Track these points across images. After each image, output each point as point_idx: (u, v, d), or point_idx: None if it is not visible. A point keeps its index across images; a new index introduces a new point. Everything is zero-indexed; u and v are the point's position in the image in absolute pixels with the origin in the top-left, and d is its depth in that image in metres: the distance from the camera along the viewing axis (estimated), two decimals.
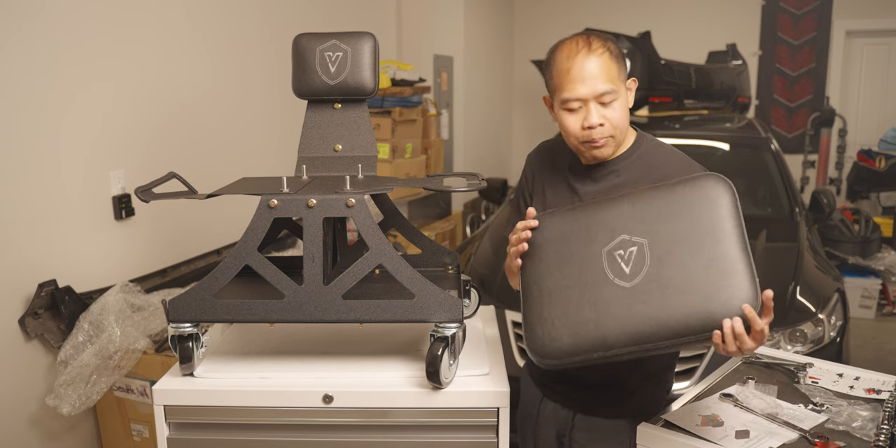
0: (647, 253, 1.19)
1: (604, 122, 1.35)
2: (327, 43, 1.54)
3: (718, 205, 1.18)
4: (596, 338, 1.17)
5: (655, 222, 1.21)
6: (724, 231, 1.16)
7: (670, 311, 1.13)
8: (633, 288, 1.17)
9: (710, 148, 3.72)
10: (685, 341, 1.13)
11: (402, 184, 1.51)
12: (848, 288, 3.25)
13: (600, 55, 1.34)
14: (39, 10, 2.20)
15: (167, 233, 2.79)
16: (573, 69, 1.34)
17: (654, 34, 4.43)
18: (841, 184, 5.83)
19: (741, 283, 1.11)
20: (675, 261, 1.16)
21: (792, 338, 2.44)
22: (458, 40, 5.74)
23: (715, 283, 1.12)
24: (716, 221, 1.17)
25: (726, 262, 1.13)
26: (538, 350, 1.22)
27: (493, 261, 2.96)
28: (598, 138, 1.36)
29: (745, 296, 1.10)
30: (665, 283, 1.15)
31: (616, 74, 1.35)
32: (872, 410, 1.28)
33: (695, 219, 1.19)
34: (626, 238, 1.22)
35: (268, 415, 1.34)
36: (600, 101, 1.34)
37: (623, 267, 1.20)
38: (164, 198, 1.37)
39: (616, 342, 1.16)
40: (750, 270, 1.12)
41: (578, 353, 1.18)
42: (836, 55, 6.31)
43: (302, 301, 1.30)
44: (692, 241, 1.17)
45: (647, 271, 1.18)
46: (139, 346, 2.26)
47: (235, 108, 3.20)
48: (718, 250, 1.14)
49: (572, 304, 1.21)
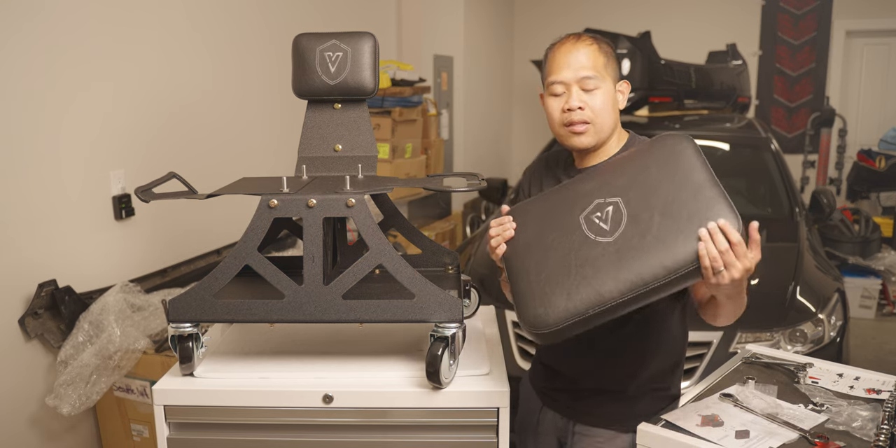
0: (622, 209, 1.22)
1: (583, 106, 1.39)
2: (327, 43, 1.54)
3: (682, 155, 1.22)
4: (590, 295, 1.17)
5: (626, 183, 1.25)
6: (694, 175, 1.19)
7: (658, 250, 1.15)
8: (616, 241, 1.20)
9: (710, 148, 3.72)
10: (679, 276, 1.14)
11: (402, 184, 1.51)
12: (848, 288, 3.25)
13: (588, 45, 1.41)
14: (39, 10, 2.20)
15: (167, 233, 2.79)
16: (560, 55, 1.42)
17: (654, 34, 4.43)
18: (841, 184, 5.83)
19: (721, 210, 1.14)
20: (652, 208, 1.19)
21: (792, 338, 2.44)
22: (458, 40, 5.74)
23: (696, 215, 1.14)
24: (681, 168, 1.21)
25: (703, 200, 1.16)
26: (533, 320, 1.21)
27: (492, 261, 2.95)
28: (577, 121, 1.40)
29: (724, 216, 1.13)
30: (646, 229, 1.18)
31: (602, 66, 1.40)
32: (872, 410, 1.28)
33: (662, 171, 1.22)
34: (601, 201, 1.25)
35: (268, 415, 1.34)
36: (583, 87, 1.39)
37: (602, 226, 1.23)
38: (164, 198, 1.37)
39: (611, 294, 1.16)
40: (727, 202, 1.15)
41: (575, 314, 1.18)
42: (836, 55, 6.31)
43: (302, 301, 1.30)
44: (665, 191, 1.20)
45: (626, 224, 1.20)
46: (139, 346, 2.26)
47: (235, 108, 3.20)
48: (693, 192, 1.17)
49: (561, 271, 1.22)
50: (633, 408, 1.48)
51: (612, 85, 1.42)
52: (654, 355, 1.48)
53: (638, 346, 1.47)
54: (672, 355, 1.51)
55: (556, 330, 1.20)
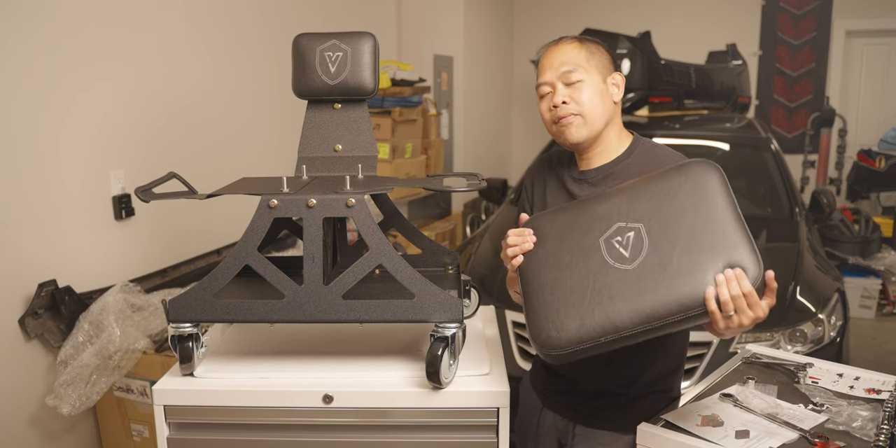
0: (644, 236, 1.20)
1: (568, 100, 1.40)
2: (327, 43, 1.54)
3: (709, 186, 1.21)
4: (603, 321, 1.16)
5: (649, 209, 1.23)
6: (718, 210, 1.18)
7: (676, 286, 1.13)
8: (635, 269, 1.18)
9: (710, 148, 3.71)
10: (692, 314, 1.13)
11: (402, 184, 1.51)
12: (848, 288, 3.25)
13: (568, 44, 1.44)
14: (39, 10, 2.20)
15: (167, 233, 2.79)
16: (544, 59, 1.45)
17: (654, 34, 4.43)
18: (841, 184, 5.83)
19: (744, 254, 1.13)
20: (675, 240, 1.18)
21: (792, 338, 2.44)
22: (458, 40, 5.74)
23: (719, 256, 1.13)
24: (708, 202, 1.19)
25: (725, 237, 1.15)
26: (544, 342, 1.20)
27: (493, 261, 2.96)
28: (564, 115, 1.40)
29: (747, 262, 1.12)
30: (667, 262, 1.16)
31: (584, 59, 1.41)
32: (872, 410, 1.28)
33: (687, 202, 1.21)
34: (622, 225, 1.24)
35: (268, 415, 1.34)
36: (565, 82, 1.41)
37: (622, 251, 1.21)
38: (164, 198, 1.37)
39: (623, 324, 1.15)
40: (751, 247, 1.14)
41: (586, 339, 1.17)
42: (836, 55, 6.31)
43: (302, 301, 1.30)
44: (688, 223, 1.18)
45: (646, 252, 1.19)
46: (139, 346, 2.26)
47: (235, 108, 3.20)
48: (716, 227, 1.16)
49: (576, 293, 1.21)
50: (634, 410, 1.48)
51: (599, 77, 1.42)
52: (655, 358, 1.47)
53: (640, 349, 1.47)
54: (674, 357, 1.51)
55: (566, 353, 1.19)
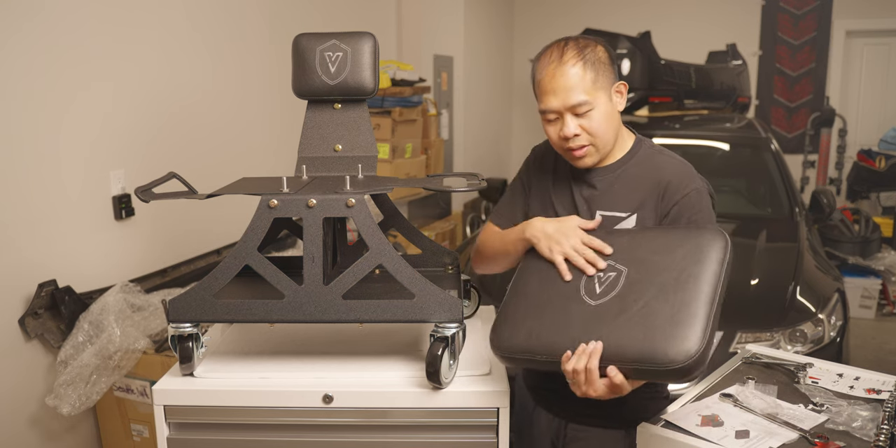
0: (621, 281, 1.25)
1: (579, 132, 1.35)
2: (327, 43, 1.54)
3: (707, 255, 1.22)
4: (547, 343, 1.24)
5: (643, 256, 1.26)
6: (700, 279, 1.19)
7: (616, 335, 1.18)
8: (596, 307, 1.24)
9: (710, 148, 3.72)
10: (615, 364, 1.17)
11: (402, 184, 1.51)
12: (848, 288, 3.25)
13: (572, 65, 1.33)
14: (39, 10, 2.20)
15: (167, 233, 2.79)
16: (544, 81, 1.36)
17: (654, 34, 4.43)
18: (841, 184, 5.83)
19: (690, 336, 1.14)
20: (644, 293, 1.21)
21: (792, 338, 2.44)
22: (458, 40, 5.74)
23: (666, 327, 1.16)
24: (697, 267, 1.21)
25: (689, 310, 1.16)
26: (495, 342, 1.31)
27: None
28: (575, 147, 1.37)
29: (688, 347, 1.13)
30: (625, 310, 1.20)
31: (591, 84, 1.33)
32: (872, 410, 1.28)
33: (679, 260, 1.23)
34: (611, 264, 1.28)
35: (268, 415, 1.34)
36: (574, 112, 1.34)
37: (596, 287, 1.26)
38: (164, 198, 1.37)
39: (562, 351, 1.21)
40: (704, 327, 1.15)
41: (528, 351, 1.26)
42: (836, 55, 6.31)
43: (302, 301, 1.30)
44: (668, 280, 1.21)
45: (614, 295, 1.23)
46: (139, 346, 2.26)
47: (235, 108, 3.20)
48: (687, 296, 1.18)
49: (542, 311, 1.29)
50: (624, 408, 1.48)
51: (606, 96, 1.36)
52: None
53: None
54: None
55: (506, 357, 1.30)
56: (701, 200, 1.37)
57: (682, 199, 1.36)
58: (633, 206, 1.39)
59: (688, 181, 1.38)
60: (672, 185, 1.37)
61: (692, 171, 1.42)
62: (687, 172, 1.40)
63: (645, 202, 1.39)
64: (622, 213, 1.40)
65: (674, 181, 1.37)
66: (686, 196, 1.36)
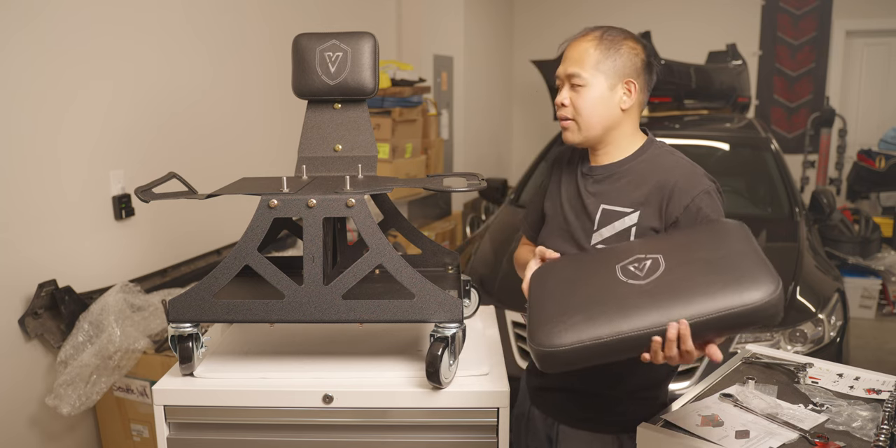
0: (661, 262, 1.20)
1: (567, 103, 1.41)
2: (327, 43, 1.54)
3: (729, 233, 1.21)
4: (611, 327, 1.12)
5: (668, 246, 1.24)
6: (738, 245, 1.17)
7: (686, 301, 1.10)
8: (647, 284, 1.16)
9: (710, 148, 3.72)
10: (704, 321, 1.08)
11: (402, 184, 1.51)
12: (848, 288, 3.25)
13: (589, 41, 1.40)
14: (40, 10, 2.20)
15: (167, 233, 2.79)
16: (566, 50, 1.44)
17: (654, 34, 4.43)
18: (841, 184, 5.83)
19: (761, 277, 1.09)
20: (692, 265, 1.16)
21: (792, 338, 2.44)
22: (458, 40, 5.74)
23: (735, 278, 1.10)
24: (729, 242, 1.18)
25: (746, 261, 1.12)
26: (545, 340, 1.15)
27: (493, 261, 2.96)
28: (561, 116, 1.43)
29: (766, 285, 1.07)
30: (684, 278, 1.14)
31: (594, 63, 1.38)
32: (872, 410, 1.28)
33: (706, 242, 1.20)
34: (641, 256, 1.23)
35: (268, 415, 1.34)
36: (571, 83, 1.40)
37: (637, 272, 1.20)
38: (164, 198, 1.37)
39: (629, 327, 1.11)
40: (770, 269, 1.11)
41: (595, 338, 1.12)
42: (836, 55, 6.31)
43: (302, 301, 1.30)
44: (707, 256, 1.16)
45: (662, 272, 1.17)
46: (139, 346, 2.26)
47: (235, 108, 3.20)
48: (735, 259, 1.13)
49: (584, 300, 1.19)
50: (615, 411, 1.48)
51: (606, 83, 1.38)
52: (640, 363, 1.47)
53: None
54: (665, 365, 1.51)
55: (564, 350, 1.14)
56: (711, 202, 1.36)
57: (691, 203, 1.34)
58: (637, 202, 1.39)
59: (696, 183, 1.37)
60: (679, 188, 1.36)
61: (700, 172, 1.41)
62: (695, 174, 1.39)
63: (649, 200, 1.38)
64: (626, 209, 1.40)
65: (681, 184, 1.36)
66: (695, 199, 1.35)
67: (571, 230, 1.46)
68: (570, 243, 1.45)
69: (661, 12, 6.59)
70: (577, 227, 1.45)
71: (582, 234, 1.44)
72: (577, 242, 1.44)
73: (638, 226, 1.38)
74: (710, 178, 1.40)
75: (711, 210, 1.34)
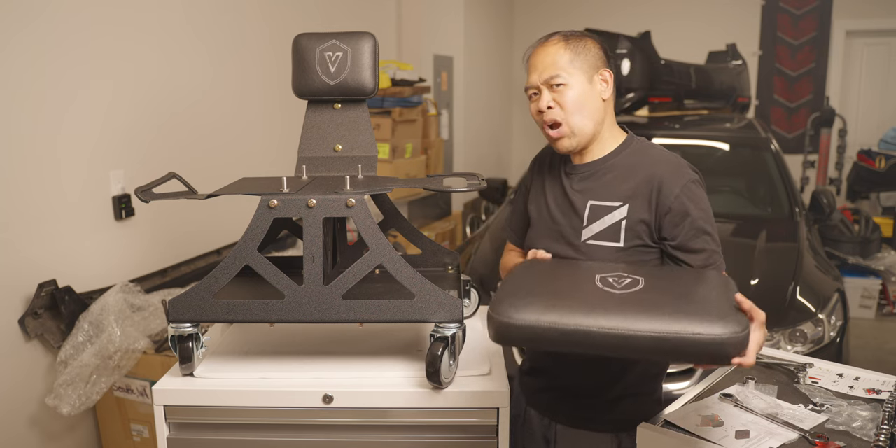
0: (640, 283, 1.23)
1: (553, 105, 1.41)
2: (327, 43, 1.54)
3: (717, 281, 1.26)
4: (573, 312, 1.13)
5: (655, 274, 1.29)
6: (719, 294, 1.19)
7: (659, 313, 1.12)
8: (620, 295, 1.19)
9: (710, 148, 3.72)
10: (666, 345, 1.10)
11: (402, 184, 1.51)
12: (848, 288, 3.25)
13: (553, 45, 1.42)
14: (41, 10, 2.20)
15: (167, 233, 2.79)
16: (529, 62, 1.45)
17: (654, 34, 4.42)
18: (841, 184, 5.83)
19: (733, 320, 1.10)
20: (667, 294, 1.20)
21: (792, 338, 2.44)
22: (458, 40, 5.74)
23: (709, 311, 1.12)
24: (713, 287, 1.22)
25: (719, 308, 1.14)
26: (505, 311, 1.16)
27: (493, 261, 2.96)
28: (549, 120, 1.42)
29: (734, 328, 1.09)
30: (654, 299, 1.17)
31: (567, 62, 1.40)
32: (872, 410, 1.28)
33: (692, 281, 1.26)
34: (624, 274, 1.27)
35: (268, 415, 1.34)
36: (550, 87, 1.41)
37: (614, 284, 1.24)
38: (164, 198, 1.37)
39: (595, 325, 1.11)
40: (743, 320, 1.11)
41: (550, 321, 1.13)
42: (836, 55, 6.31)
43: (302, 301, 1.30)
44: (687, 292, 1.21)
45: (637, 290, 1.21)
46: (139, 346, 2.26)
47: (235, 108, 3.20)
48: (714, 300, 1.16)
49: (558, 289, 1.23)
50: (613, 410, 1.49)
51: (584, 77, 1.41)
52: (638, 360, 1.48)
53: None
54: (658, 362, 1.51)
55: (520, 325, 1.14)
56: (699, 191, 1.40)
57: (680, 192, 1.38)
58: (625, 195, 1.41)
59: (682, 173, 1.40)
60: (666, 180, 1.38)
61: (684, 163, 1.44)
62: (680, 165, 1.43)
63: (637, 193, 1.40)
64: (614, 203, 1.41)
65: (667, 176, 1.39)
66: (684, 187, 1.38)
67: (560, 229, 1.46)
68: (560, 242, 1.46)
69: (661, 12, 6.59)
70: (565, 225, 1.45)
71: (571, 231, 1.44)
72: (567, 240, 1.45)
73: (628, 219, 1.40)
74: (693, 169, 1.43)
75: (698, 200, 1.39)
